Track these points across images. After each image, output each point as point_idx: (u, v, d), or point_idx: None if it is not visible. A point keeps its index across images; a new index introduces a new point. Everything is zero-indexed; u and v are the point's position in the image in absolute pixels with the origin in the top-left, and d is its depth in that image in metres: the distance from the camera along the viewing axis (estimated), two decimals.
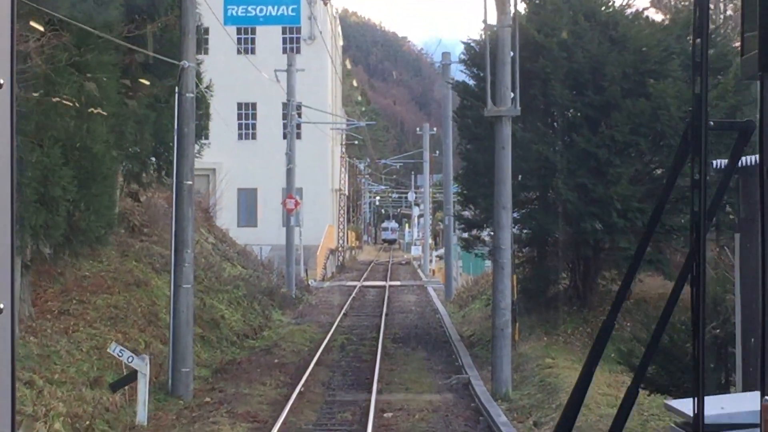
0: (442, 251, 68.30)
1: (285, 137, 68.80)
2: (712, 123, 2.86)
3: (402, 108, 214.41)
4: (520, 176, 24.53)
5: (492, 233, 28.58)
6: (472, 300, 36.65)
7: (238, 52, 64.03)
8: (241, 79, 64.39)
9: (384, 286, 49.15)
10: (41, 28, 18.46)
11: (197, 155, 32.36)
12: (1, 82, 2.18)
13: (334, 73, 70.85)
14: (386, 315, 35.34)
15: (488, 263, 44.67)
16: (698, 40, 2.80)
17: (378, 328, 31.05)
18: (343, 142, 72.43)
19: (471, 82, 27.90)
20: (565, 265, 26.87)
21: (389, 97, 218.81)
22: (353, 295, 43.76)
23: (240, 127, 66.60)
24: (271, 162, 65.71)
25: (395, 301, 41.57)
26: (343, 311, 36.34)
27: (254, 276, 40.78)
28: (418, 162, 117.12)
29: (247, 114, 66.65)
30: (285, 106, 66.18)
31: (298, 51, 66.89)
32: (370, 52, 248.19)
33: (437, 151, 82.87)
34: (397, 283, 52.72)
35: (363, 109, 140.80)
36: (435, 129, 69.47)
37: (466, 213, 29.44)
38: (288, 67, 42.25)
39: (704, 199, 2.75)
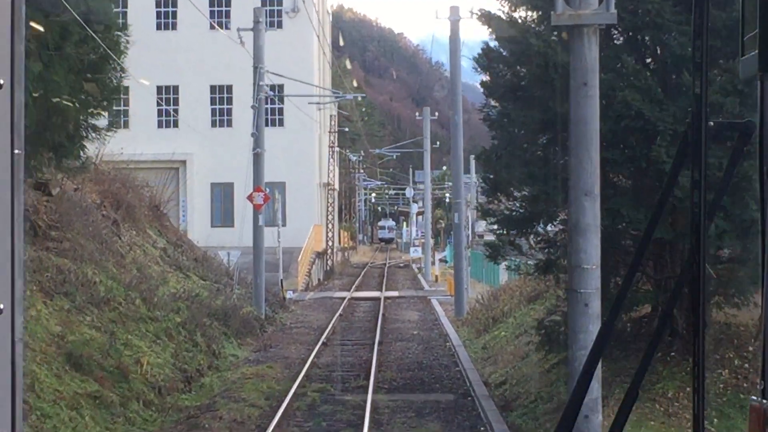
0: (444, 254, 58.37)
1: (265, 124, 59.42)
2: (712, 123, 2.66)
3: (399, 104, 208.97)
4: None
5: (533, 236, 18.95)
6: (494, 324, 26.99)
7: (211, 27, 54.42)
8: (214, 58, 54.87)
9: (378, 299, 39.50)
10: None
11: (108, 133, 22.60)
12: (1, 82, 2.16)
13: (322, 52, 61.21)
14: (380, 344, 25.75)
15: (505, 266, 35.21)
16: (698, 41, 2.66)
17: (368, 369, 21.45)
18: (332, 129, 62.47)
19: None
20: (650, 284, 17.28)
21: (386, 94, 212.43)
22: (339, 311, 34.13)
23: (214, 113, 57.00)
24: (251, 153, 56.18)
25: (392, 322, 31.94)
26: (323, 338, 26.71)
27: (213, 290, 31.26)
28: (416, 153, 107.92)
29: (221, 98, 57.01)
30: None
31: (280, 25, 57.36)
32: (366, 48, 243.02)
33: (437, 143, 73.40)
34: (395, 293, 42.93)
35: (364, 109, 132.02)
36: (437, 114, 59.87)
37: (498, 207, 19.70)
38: (255, 24, 32.59)
39: (704, 199, 2.61)
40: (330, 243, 57.96)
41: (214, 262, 38.05)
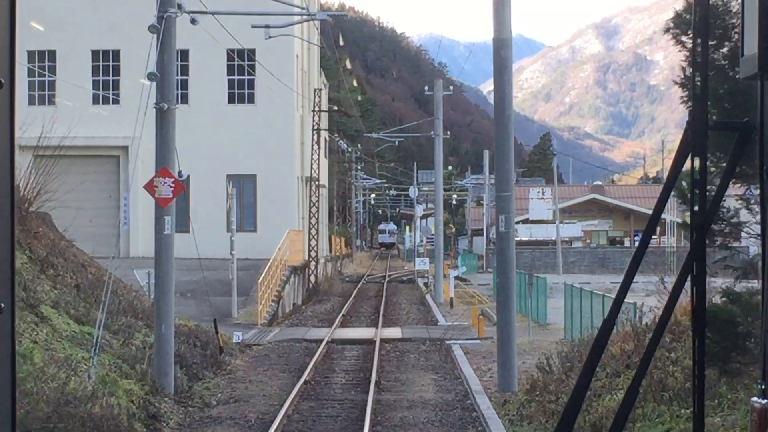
0: (459, 271, 44.31)
1: (230, 101, 45.58)
2: (712, 123, 2.72)
3: (401, 104, 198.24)
4: None
5: None
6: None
7: None
8: None
9: (372, 342, 25.44)
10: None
11: None
12: (2, 81, 2.09)
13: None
14: None
15: (568, 297, 21.91)
16: (698, 41, 2.67)
17: None
18: (317, 108, 48.07)
19: None
20: None
21: (387, 94, 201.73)
22: (306, 373, 20.02)
23: None
24: (212, 136, 42.30)
25: (392, 405, 17.71)
26: None
27: (87, 346, 17.47)
28: (419, 151, 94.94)
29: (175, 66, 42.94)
30: (230, 54, 42.79)
31: None
32: (368, 47, 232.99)
33: (448, 132, 59.49)
34: (396, 334, 28.36)
35: (359, 98, 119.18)
36: (451, 88, 45.80)
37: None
38: None
39: (704, 199, 2.62)
40: (313, 253, 43.83)
41: (123, 288, 24.15)
